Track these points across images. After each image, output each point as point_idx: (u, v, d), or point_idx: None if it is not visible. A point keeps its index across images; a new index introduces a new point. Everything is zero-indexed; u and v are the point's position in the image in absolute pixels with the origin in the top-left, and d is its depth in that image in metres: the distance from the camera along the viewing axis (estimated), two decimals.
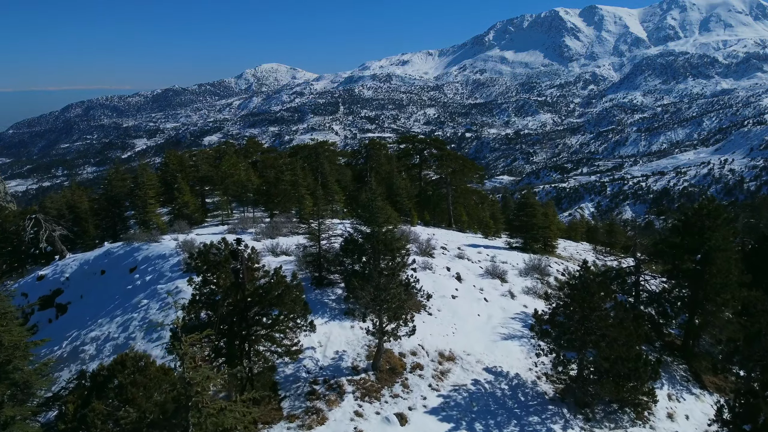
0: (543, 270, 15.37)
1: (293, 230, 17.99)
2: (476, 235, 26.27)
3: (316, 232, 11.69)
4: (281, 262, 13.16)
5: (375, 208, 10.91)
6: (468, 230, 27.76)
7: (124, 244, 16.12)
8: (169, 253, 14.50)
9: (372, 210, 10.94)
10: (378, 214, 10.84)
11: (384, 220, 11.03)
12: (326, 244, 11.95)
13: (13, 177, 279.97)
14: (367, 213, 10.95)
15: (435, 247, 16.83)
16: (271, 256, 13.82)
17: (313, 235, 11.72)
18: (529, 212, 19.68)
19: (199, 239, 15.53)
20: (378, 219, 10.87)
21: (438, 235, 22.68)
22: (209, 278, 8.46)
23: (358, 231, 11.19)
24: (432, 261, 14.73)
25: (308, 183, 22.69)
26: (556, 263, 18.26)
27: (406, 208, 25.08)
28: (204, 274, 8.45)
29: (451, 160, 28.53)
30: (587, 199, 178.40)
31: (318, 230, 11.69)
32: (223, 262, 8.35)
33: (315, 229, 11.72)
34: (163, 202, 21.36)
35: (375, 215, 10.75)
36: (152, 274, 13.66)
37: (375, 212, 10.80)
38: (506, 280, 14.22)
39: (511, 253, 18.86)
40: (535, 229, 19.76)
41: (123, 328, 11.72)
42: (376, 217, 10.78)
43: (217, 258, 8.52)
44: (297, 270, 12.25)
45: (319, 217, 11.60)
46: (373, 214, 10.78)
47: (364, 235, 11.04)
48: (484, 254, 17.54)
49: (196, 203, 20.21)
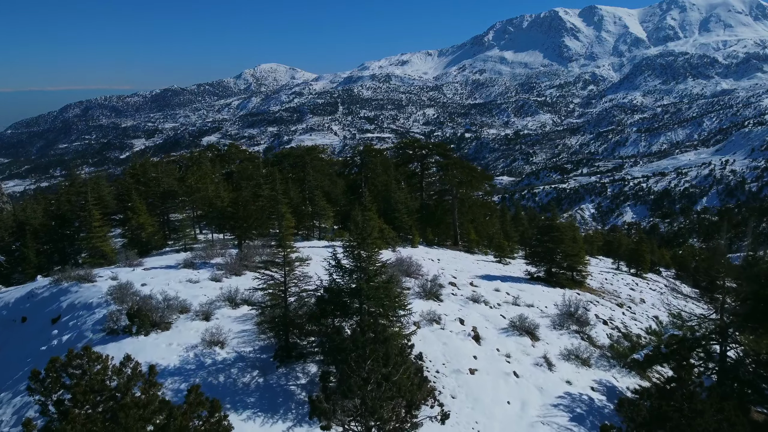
0: (581, 319, 12.13)
1: (268, 260, 14.73)
2: (487, 258, 22.95)
3: (281, 284, 8.41)
4: (241, 318, 9.91)
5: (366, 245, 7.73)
6: (477, 250, 24.41)
7: (51, 284, 12.81)
8: (96, 302, 11.17)
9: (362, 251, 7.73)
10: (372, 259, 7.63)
11: (377, 271, 7.80)
12: (296, 300, 8.60)
13: (11, 177, 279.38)
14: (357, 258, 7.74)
15: (442, 284, 13.55)
16: (228, 307, 10.54)
17: (276, 288, 8.41)
18: (555, 237, 16.39)
19: (142, 280, 12.25)
20: (368, 268, 7.66)
21: (444, 259, 19.41)
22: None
23: (345, 277, 7.95)
24: (439, 308, 11.40)
25: (292, 197, 19.44)
26: (592, 303, 15.01)
27: (406, 226, 21.81)
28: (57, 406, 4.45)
29: (458, 168, 24.93)
30: (588, 200, 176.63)
31: (284, 281, 8.41)
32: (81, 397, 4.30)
33: (280, 280, 8.44)
34: (120, 222, 18.04)
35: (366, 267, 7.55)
36: (72, 332, 10.40)
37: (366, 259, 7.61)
38: (537, 336, 10.94)
39: (535, 289, 15.59)
40: (563, 257, 16.48)
41: (18, 418, 8.49)
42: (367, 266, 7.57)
43: (79, 379, 4.45)
44: (258, 333, 8.93)
45: (286, 262, 8.32)
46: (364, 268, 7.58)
47: (349, 290, 7.81)
48: (504, 292, 14.27)
49: (154, 225, 16.92)
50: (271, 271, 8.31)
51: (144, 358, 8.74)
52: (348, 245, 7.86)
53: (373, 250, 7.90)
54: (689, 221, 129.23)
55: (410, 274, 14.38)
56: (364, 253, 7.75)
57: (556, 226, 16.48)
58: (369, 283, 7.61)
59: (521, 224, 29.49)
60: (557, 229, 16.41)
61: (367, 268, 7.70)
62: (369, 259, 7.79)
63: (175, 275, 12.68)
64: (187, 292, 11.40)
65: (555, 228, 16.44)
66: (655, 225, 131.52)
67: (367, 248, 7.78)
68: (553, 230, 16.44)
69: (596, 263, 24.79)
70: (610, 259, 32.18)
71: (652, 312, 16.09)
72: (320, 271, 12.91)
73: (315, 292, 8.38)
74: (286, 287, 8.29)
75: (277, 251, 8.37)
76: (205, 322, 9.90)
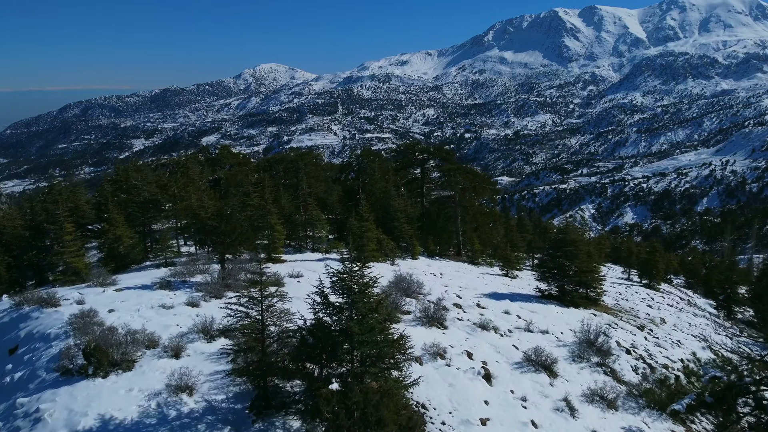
0: (602, 348, 10.83)
1: (254, 278, 13.42)
2: (492, 270, 21.63)
3: (257, 322, 7.07)
4: (215, 356, 8.59)
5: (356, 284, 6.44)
6: (481, 261, 23.08)
7: (12, 308, 11.50)
8: (55, 332, 9.85)
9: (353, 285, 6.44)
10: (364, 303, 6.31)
11: (372, 307, 6.47)
12: (277, 341, 7.27)
13: (11, 177, 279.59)
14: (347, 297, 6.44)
15: (447, 306, 12.23)
16: (202, 340, 9.21)
17: (252, 328, 7.06)
18: (569, 252, 15.07)
19: (110, 304, 10.93)
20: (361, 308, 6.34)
21: (447, 273, 18.09)
22: None
23: (334, 315, 6.63)
24: (444, 338, 10.08)
25: (283, 206, 18.13)
26: (611, 326, 13.68)
27: (406, 236, 20.50)
28: None
29: (461, 174, 23.54)
30: (588, 200, 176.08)
31: (262, 319, 7.08)
32: None
33: (256, 318, 7.11)
34: (97, 234, 16.71)
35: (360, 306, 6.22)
36: (26, 369, 9.08)
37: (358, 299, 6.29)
38: (556, 372, 9.63)
39: (548, 310, 14.28)
40: (577, 274, 15.18)
41: None
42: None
43: None
44: (233, 380, 7.60)
45: (262, 296, 6.96)
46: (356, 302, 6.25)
47: (337, 332, 6.50)
48: (514, 315, 12.94)
49: (133, 237, 15.61)
50: (246, 306, 7.00)
51: (98, 408, 7.44)
52: (337, 278, 6.55)
53: (368, 282, 6.60)
54: (691, 223, 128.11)
55: (410, 294, 13.08)
56: (356, 287, 6.45)
57: (570, 240, 15.13)
58: (362, 324, 6.31)
59: (526, 230, 28.15)
60: (571, 244, 15.06)
61: (360, 305, 6.40)
62: (363, 292, 6.49)
63: (148, 298, 11.37)
64: (158, 320, 10.09)
65: (569, 242, 15.09)
66: (657, 226, 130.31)
67: (360, 281, 6.48)
68: (567, 244, 15.09)
69: (605, 272, 23.51)
70: (620, 267, 30.89)
71: (676, 335, 14.82)
72: (312, 289, 11.74)
73: (299, 331, 7.06)
74: (263, 326, 6.99)
75: (256, 275, 7.03)
76: (174, 359, 8.59)
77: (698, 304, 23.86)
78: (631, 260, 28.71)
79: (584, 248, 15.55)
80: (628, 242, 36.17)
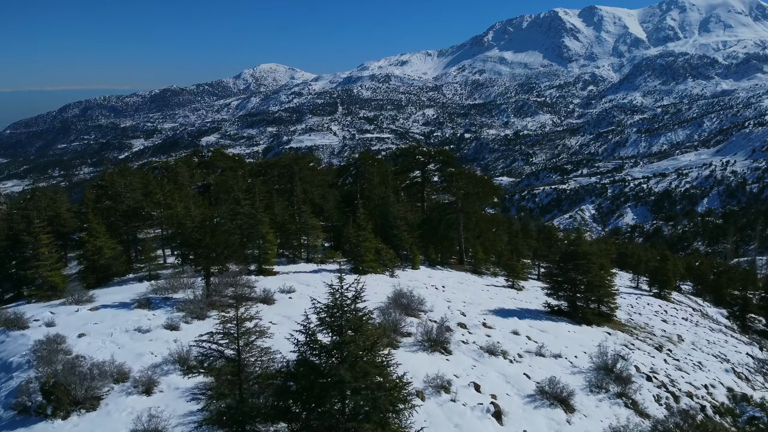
0: (622, 375, 9.84)
1: (242, 294, 12.42)
2: (497, 281, 20.65)
3: (234, 362, 6.08)
4: (191, 392, 7.58)
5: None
6: (485, 270, 22.11)
7: None
8: (17, 361, 8.86)
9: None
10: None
11: (368, 347, 5.52)
12: (256, 384, 6.29)
13: (10, 177, 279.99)
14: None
15: (450, 326, 11.27)
16: (178, 372, 8.20)
17: (228, 372, 6.09)
18: (581, 267, 14.06)
19: (82, 326, 9.96)
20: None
21: (449, 286, 17.12)
22: None
23: (317, 350, 5.66)
24: (448, 366, 9.10)
25: (276, 213, 17.17)
26: (627, 347, 12.70)
27: (406, 244, 19.55)
28: None
29: (464, 179, 22.50)
30: (588, 200, 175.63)
31: (239, 360, 6.09)
32: None
33: (232, 357, 6.13)
34: (77, 244, 15.73)
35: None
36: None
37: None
38: (573, 406, 8.66)
39: (559, 328, 13.29)
40: (590, 288, 14.19)
41: None
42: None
43: None
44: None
45: (239, 333, 5.97)
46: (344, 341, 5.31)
47: (326, 377, 5.54)
48: (524, 336, 11.98)
49: (115, 248, 14.64)
50: (220, 344, 6.04)
51: None
52: (326, 314, 5.59)
53: (362, 317, 5.65)
54: (693, 224, 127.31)
55: (411, 312, 12.12)
56: (348, 325, 5.50)
57: (582, 253, 14.12)
58: (354, 369, 5.36)
59: (530, 236, 27.20)
60: (584, 257, 14.04)
61: (353, 347, 5.45)
62: (356, 329, 5.54)
63: (124, 319, 10.42)
64: (131, 347, 9.13)
65: (581, 255, 14.08)
66: (658, 228, 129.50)
67: (353, 315, 5.52)
68: (579, 257, 14.09)
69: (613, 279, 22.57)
70: (626, 273, 29.99)
71: (696, 356, 13.87)
72: (308, 305, 10.64)
73: (279, 374, 6.08)
74: (240, 367, 6.03)
75: (234, 305, 6.06)
76: (145, 396, 7.64)
77: (710, 315, 22.95)
78: (641, 267, 27.79)
79: (597, 261, 14.57)
80: (633, 246, 35.11)
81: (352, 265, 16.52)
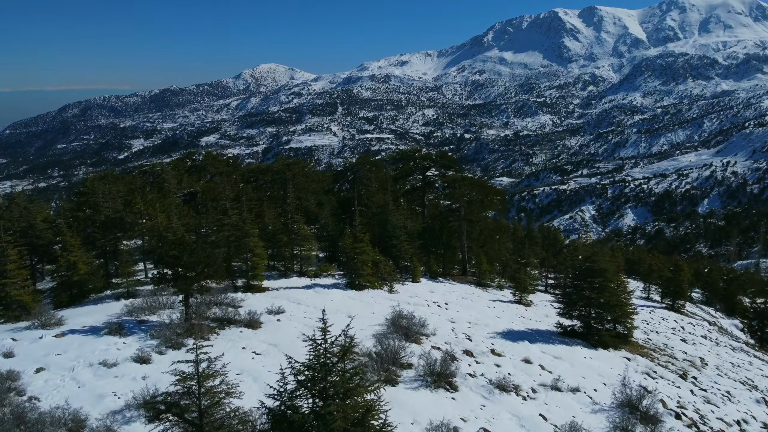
0: (648, 413, 8.75)
1: (226, 316, 11.31)
2: (503, 295, 19.51)
3: (196, 425, 5.01)
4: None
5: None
6: (489, 282, 21.00)
7: None
8: None
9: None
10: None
11: (359, 419, 4.44)
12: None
13: (9, 177, 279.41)
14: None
15: (456, 354, 10.15)
16: (142, 419, 7.14)
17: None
18: (597, 285, 12.94)
19: (42, 358, 8.85)
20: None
21: (453, 302, 15.99)
22: None
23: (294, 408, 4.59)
24: (454, 408, 7.96)
25: (267, 223, 16.09)
26: (649, 375, 11.61)
27: (406, 255, 18.46)
28: None
29: (467, 186, 21.25)
30: (588, 201, 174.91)
31: (200, 425, 5.01)
32: None
33: (194, 420, 5.05)
34: (50, 259, 14.61)
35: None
36: None
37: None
38: None
39: (574, 354, 12.14)
40: (606, 308, 13.06)
41: None
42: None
43: None
44: None
45: (200, 393, 4.92)
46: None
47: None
48: (536, 365, 10.82)
49: (92, 263, 13.53)
50: (176, 410, 4.94)
51: None
52: (305, 377, 4.49)
53: (352, 374, 4.56)
54: (695, 226, 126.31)
55: (411, 336, 11.02)
56: (335, 389, 4.41)
57: (598, 270, 12.96)
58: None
59: (535, 242, 26.13)
60: (600, 274, 12.92)
61: (339, 419, 4.37)
62: (345, 398, 4.46)
63: (90, 349, 9.31)
64: (93, 385, 8.03)
65: (597, 272, 12.93)
66: (660, 230, 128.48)
67: (342, 381, 4.43)
68: (595, 275, 12.95)
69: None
70: (636, 282, 28.93)
71: (723, 383, 12.79)
72: (298, 328, 9.50)
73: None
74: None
75: (193, 361, 4.97)
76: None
77: (726, 328, 21.89)
78: (652, 276, 26.73)
79: (614, 279, 13.46)
80: (640, 251, 33.97)
81: (347, 279, 15.46)
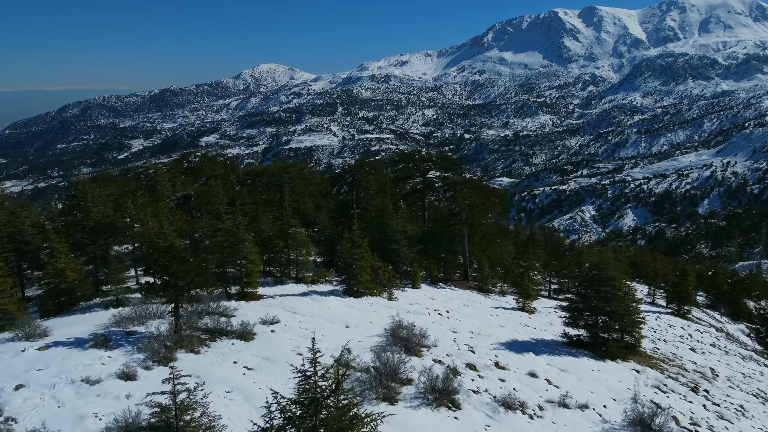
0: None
1: (217, 326, 10.86)
2: (506, 302, 19.05)
3: None
4: None
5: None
6: (492, 288, 20.53)
7: None
8: None
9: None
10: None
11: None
12: None
13: (9, 177, 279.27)
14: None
15: (458, 369, 9.70)
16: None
17: None
18: (605, 294, 12.46)
19: (22, 374, 8.37)
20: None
21: (454, 310, 15.53)
22: None
23: None
24: (456, 428, 7.52)
25: (263, 228, 15.63)
26: (659, 388, 11.17)
27: (406, 260, 18.01)
28: None
29: (469, 189, 20.77)
30: (588, 201, 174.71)
31: None
32: None
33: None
34: (38, 266, 14.18)
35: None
36: None
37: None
38: None
39: (581, 366, 11.71)
40: (614, 317, 12.61)
41: None
42: None
43: None
44: None
45: (178, 422, 4.46)
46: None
47: None
48: (542, 380, 10.40)
49: (80, 269, 13.08)
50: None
51: None
52: (292, 416, 4.03)
53: (348, 412, 4.10)
54: (696, 226, 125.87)
55: (412, 348, 10.57)
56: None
57: (606, 278, 12.49)
58: None
59: (538, 246, 25.69)
60: (608, 282, 12.45)
61: None
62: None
63: (74, 363, 8.85)
64: (74, 405, 7.57)
65: (605, 280, 12.45)
66: (661, 230, 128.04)
67: (335, 417, 3.98)
68: (603, 283, 12.46)
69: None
70: (640, 285, 28.48)
71: (735, 396, 12.34)
72: (293, 340, 9.13)
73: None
74: None
75: (171, 391, 4.50)
76: None
77: (733, 333, 21.45)
78: (657, 280, 26.31)
79: (623, 287, 12.99)
80: (644, 254, 33.54)
81: (345, 285, 15.01)
